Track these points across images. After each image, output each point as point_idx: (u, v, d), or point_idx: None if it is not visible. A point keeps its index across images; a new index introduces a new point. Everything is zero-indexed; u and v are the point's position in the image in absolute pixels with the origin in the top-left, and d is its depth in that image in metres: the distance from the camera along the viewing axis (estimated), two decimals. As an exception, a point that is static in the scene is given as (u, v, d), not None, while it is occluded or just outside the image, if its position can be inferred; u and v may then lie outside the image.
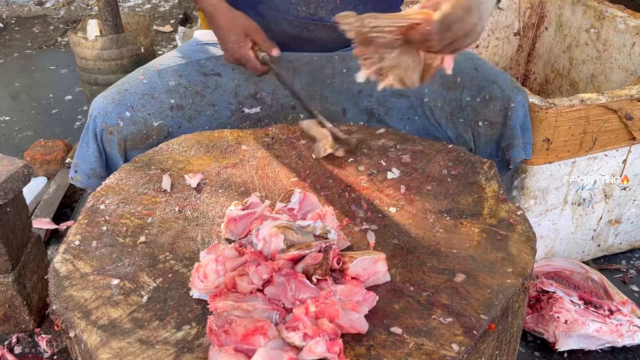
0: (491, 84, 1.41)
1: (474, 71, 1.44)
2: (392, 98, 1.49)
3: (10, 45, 3.97)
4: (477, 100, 1.41)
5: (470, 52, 1.52)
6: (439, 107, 1.45)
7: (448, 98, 1.44)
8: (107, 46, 2.45)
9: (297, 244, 0.92)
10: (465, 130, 1.43)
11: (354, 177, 1.18)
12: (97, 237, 1.01)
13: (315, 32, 1.45)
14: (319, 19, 1.43)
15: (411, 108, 1.48)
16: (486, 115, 1.41)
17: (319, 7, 1.41)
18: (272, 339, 0.77)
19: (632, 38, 1.96)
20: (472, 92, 1.42)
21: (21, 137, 2.80)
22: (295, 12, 1.42)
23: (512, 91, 1.41)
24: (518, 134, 1.41)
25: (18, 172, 1.50)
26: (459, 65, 1.45)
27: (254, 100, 1.48)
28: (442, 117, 1.45)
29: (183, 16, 4.36)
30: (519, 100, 1.40)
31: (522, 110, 1.41)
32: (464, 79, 1.43)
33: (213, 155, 1.25)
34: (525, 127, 1.44)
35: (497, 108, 1.40)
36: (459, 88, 1.43)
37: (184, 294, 0.90)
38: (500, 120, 1.41)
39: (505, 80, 1.42)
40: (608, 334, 1.53)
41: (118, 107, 1.36)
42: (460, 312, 0.85)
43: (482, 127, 1.42)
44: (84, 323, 0.84)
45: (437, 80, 1.45)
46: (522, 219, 1.04)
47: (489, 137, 1.42)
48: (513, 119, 1.40)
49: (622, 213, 1.83)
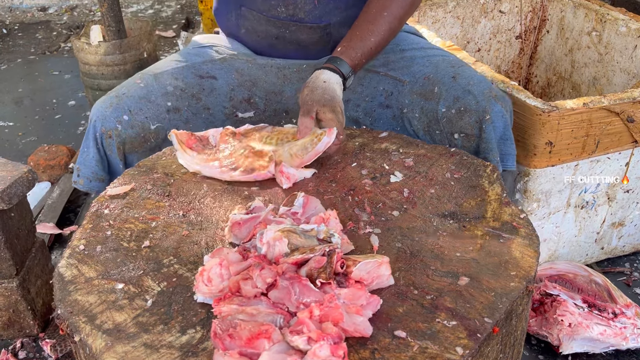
0: (467, 94, 1.36)
1: (452, 80, 1.40)
2: (379, 109, 1.49)
3: (13, 51, 3.98)
4: (452, 112, 1.37)
5: (455, 59, 1.49)
6: (417, 117, 1.43)
7: (425, 109, 1.42)
8: (110, 51, 2.46)
9: (300, 248, 0.92)
10: (442, 142, 1.40)
11: (357, 180, 1.18)
12: (102, 242, 1.01)
13: (296, 33, 1.47)
14: (298, 20, 1.44)
15: (394, 119, 1.48)
16: (461, 127, 1.36)
17: (298, 7, 1.43)
18: (277, 343, 0.77)
19: (634, 41, 1.96)
20: (448, 102, 1.38)
21: (25, 142, 2.81)
22: (276, 13, 1.44)
23: (489, 102, 1.35)
24: (493, 147, 1.35)
25: (22, 177, 1.51)
26: (439, 74, 1.42)
27: (248, 104, 1.50)
28: (419, 128, 1.43)
29: (185, 21, 4.37)
30: (496, 111, 1.34)
31: (500, 121, 1.35)
32: (441, 89, 1.40)
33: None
34: (506, 137, 1.38)
35: (472, 120, 1.35)
36: (436, 99, 1.40)
37: (189, 298, 0.90)
38: (475, 132, 1.36)
39: (482, 90, 1.37)
40: (612, 337, 1.53)
41: (116, 111, 1.37)
42: (464, 316, 0.85)
43: (458, 139, 1.38)
44: (89, 327, 0.84)
45: (417, 90, 1.43)
46: (525, 222, 1.04)
47: (466, 149, 1.37)
48: (488, 132, 1.34)
49: (626, 216, 1.83)
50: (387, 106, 1.48)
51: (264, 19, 1.46)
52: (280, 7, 1.43)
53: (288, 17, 1.44)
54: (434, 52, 1.52)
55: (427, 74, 1.44)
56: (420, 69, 1.46)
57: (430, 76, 1.43)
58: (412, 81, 1.45)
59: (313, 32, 1.46)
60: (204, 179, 1.19)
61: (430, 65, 1.46)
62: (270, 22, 1.46)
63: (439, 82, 1.41)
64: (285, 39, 1.49)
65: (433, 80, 1.42)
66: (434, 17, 2.23)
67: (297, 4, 1.42)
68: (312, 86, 1.26)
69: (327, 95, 1.24)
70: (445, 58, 1.49)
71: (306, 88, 1.27)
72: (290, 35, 1.47)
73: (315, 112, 1.23)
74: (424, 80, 1.44)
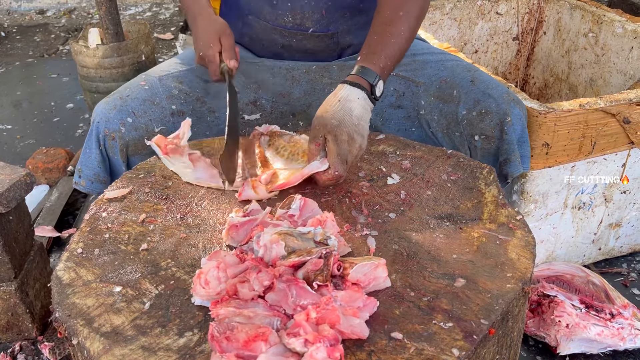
0: (487, 97, 1.39)
1: (471, 84, 1.42)
2: (390, 109, 1.49)
3: (12, 54, 3.99)
4: (473, 114, 1.39)
5: (468, 64, 1.51)
6: (435, 120, 1.45)
7: (444, 111, 1.44)
8: (108, 54, 2.47)
9: (297, 251, 0.93)
10: (461, 144, 1.42)
11: (354, 182, 1.19)
12: (100, 245, 1.02)
13: (303, 42, 1.47)
14: (305, 29, 1.45)
15: (408, 119, 1.49)
16: (482, 130, 1.39)
17: (305, 17, 1.43)
18: (274, 345, 0.78)
19: (631, 42, 1.97)
20: (468, 105, 1.40)
21: (23, 145, 2.81)
22: (283, 22, 1.45)
23: (509, 105, 1.39)
24: (515, 148, 1.39)
25: (20, 180, 1.51)
26: (456, 77, 1.45)
27: (254, 107, 1.50)
28: (438, 130, 1.45)
29: (183, 24, 4.37)
30: (515, 113, 1.39)
31: (519, 123, 1.40)
32: (460, 92, 1.42)
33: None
34: (523, 140, 1.42)
35: (493, 122, 1.38)
36: (455, 101, 1.42)
37: (186, 301, 0.90)
38: (496, 134, 1.39)
39: (501, 93, 1.40)
40: (610, 337, 1.53)
41: (120, 113, 1.37)
42: (461, 317, 0.85)
43: (478, 141, 1.40)
44: (87, 330, 0.85)
45: (434, 93, 1.45)
46: (521, 224, 1.05)
47: (485, 150, 1.41)
48: (510, 133, 1.38)
49: (623, 216, 1.83)
50: (398, 106, 1.49)
51: (270, 28, 1.46)
52: (287, 16, 1.43)
53: (295, 27, 1.45)
54: (446, 57, 1.54)
55: (444, 77, 1.46)
56: (436, 72, 1.48)
57: (448, 80, 1.45)
58: (427, 83, 1.46)
59: (320, 40, 1.47)
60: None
61: (445, 69, 1.48)
62: (277, 31, 1.47)
63: (458, 86, 1.43)
64: (292, 47, 1.49)
65: (451, 84, 1.44)
66: (431, 19, 2.23)
67: (305, 14, 1.42)
68: (325, 106, 1.17)
69: (335, 120, 1.13)
70: (459, 63, 1.51)
71: (321, 107, 1.18)
72: (297, 44, 1.48)
73: (322, 136, 1.14)
74: (440, 83, 1.46)
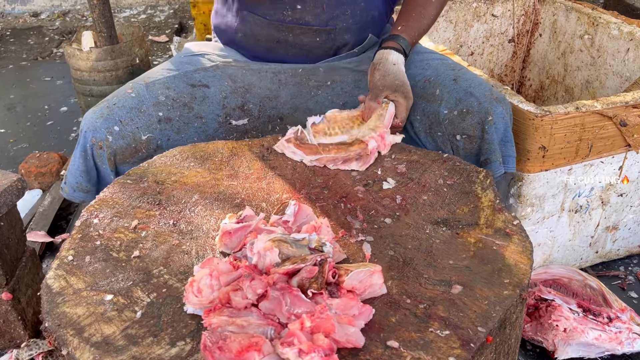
0: (469, 96, 1.37)
1: (453, 83, 1.40)
2: None
3: (5, 56, 3.96)
4: (455, 114, 1.37)
5: (454, 63, 1.50)
6: (418, 119, 1.43)
7: (427, 111, 1.42)
8: (101, 57, 2.45)
9: (292, 258, 0.91)
10: (443, 143, 1.41)
11: (349, 187, 1.18)
12: (91, 252, 1.00)
13: (300, 36, 1.46)
14: (304, 23, 1.44)
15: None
16: (463, 129, 1.37)
17: (305, 11, 1.43)
18: (267, 355, 0.76)
19: (626, 44, 1.96)
20: (450, 105, 1.38)
21: (16, 149, 2.79)
22: (281, 16, 1.44)
23: (491, 104, 1.36)
24: (496, 149, 1.37)
25: (11, 186, 1.49)
26: (439, 76, 1.43)
27: (242, 111, 1.49)
28: (421, 130, 1.44)
29: (178, 26, 4.36)
30: (498, 112, 1.36)
31: (501, 123, 1.37)
32: (443, 91, 1.40)
33: (207, 167, 1.24)
34: (507, 139, 1.39)
35: (475, 121, 1.36)
36: (438, 101, 1.40)
37: (178, 309, 0.89)
38: (477, 133, 1.36)
39: (483, 91, 1.38)
40: (607, 341, 1.52)
41: (107, 122, 1.35)
42: (457, 325, 0.84)
43: (460, 141, 1.38)
44: (77, 340, 0.83)
45: (418, 92, 1.44)
46: (518, 229, 1.03)
47: (467, 150, 1.39)
48: (491, 133, 1.35)
49: (619, 219, 1.82)
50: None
51: (266, 22, 1.46)
52: (286, 10, 1.43)
53: (294, 21, 1.44)
54: (432, 56, 1.54)
55: (428, 76, 1.45)
56: (420, 72, 1.47)
57: (431, 79, 1.44)
58: (411, 84, 1.45)
59: (317, 35, 1.46)
60: (195, 187, 1.18)
61: (429, 68, 1.47)
62: (273, 26, 1.46)
63: (440, 85, 1.42)
64: (288, 42, 1.48)
65: (434, 83, 1.43)
66: (426, 22, 2.22)
67: (305, 7, 1.42)
68: (383, 70, 1.34)
69: (398, 81, 1.34)
70: (444, 61, 1.50)
71: (377, 72, 1.35)
72: (294, 39, 1.47)
73: (385, 96, 1.31)
74: (424, 82, 1.45)
